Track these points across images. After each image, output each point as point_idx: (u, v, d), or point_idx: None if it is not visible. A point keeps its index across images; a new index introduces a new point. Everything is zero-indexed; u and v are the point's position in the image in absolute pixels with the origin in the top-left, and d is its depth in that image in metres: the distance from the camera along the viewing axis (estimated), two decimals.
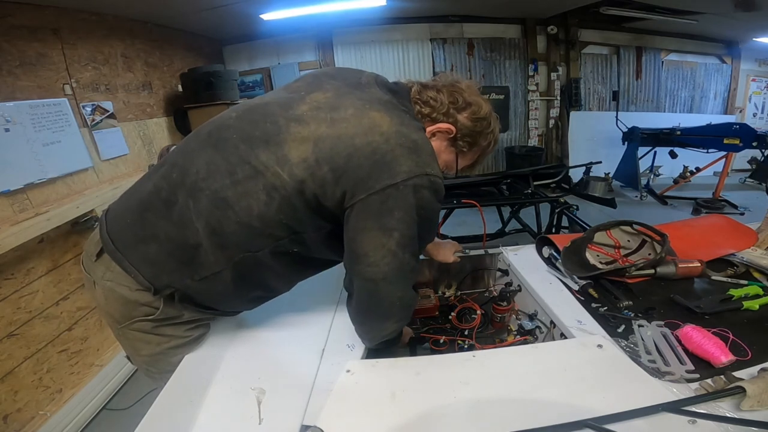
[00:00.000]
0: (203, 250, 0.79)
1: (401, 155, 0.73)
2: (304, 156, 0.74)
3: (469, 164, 0.96)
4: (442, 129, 0.86)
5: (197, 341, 0.93)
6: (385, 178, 0.72)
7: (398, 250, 0.75)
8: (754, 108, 5.98)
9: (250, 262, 0.81)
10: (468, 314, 1.16)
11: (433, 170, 0.76)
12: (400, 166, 0.72)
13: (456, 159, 0.91)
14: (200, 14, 3.25)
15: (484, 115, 0.87)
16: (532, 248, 1.34)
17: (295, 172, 0.74)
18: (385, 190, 0.72)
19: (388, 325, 0.86)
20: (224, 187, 0.76)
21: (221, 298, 0.89)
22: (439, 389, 0.76)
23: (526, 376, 0.79)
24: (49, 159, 1.98)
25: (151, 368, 0.95)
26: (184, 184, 0.78)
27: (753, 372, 0.72)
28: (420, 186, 0.73)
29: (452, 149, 0.90)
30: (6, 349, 1.68)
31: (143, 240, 0.81)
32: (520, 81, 5.20)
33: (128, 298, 0.82)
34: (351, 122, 0.75)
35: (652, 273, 1.11)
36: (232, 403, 0.75)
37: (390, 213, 0.73)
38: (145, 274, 0.81)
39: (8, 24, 1.94)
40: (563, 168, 3.50)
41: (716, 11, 4.00)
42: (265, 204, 0.75)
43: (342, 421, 0.70)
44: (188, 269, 0.81)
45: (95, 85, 2.48)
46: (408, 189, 0.72)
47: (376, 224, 0.74)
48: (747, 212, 4.20)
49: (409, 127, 0.78)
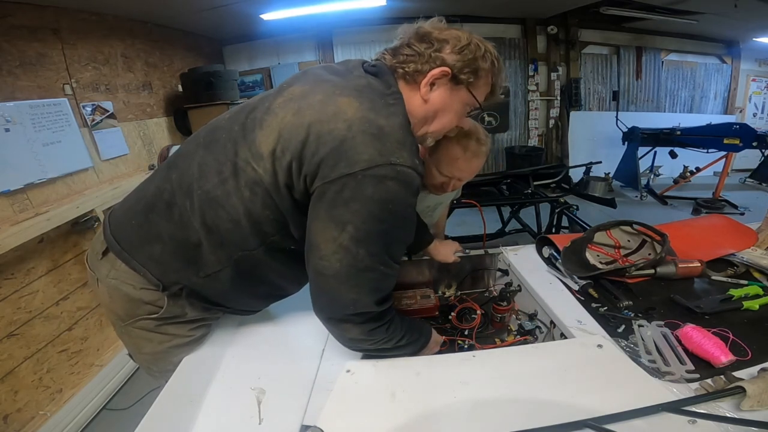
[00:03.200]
0: (204, 249, 0.80)
1: (362, 142, 0.67)
2: (271, 147, 0.72)
3: (490, 91, 0.87)
4: (436, 74, 0.78)
5: (199, 341, 0.94)
6: (342, 166, 0.66)
7: (351, 246, 0.69)
8: (754, 108, 5.98)
9: (250, 260, 0.81)
10: (468, 314, 1.16)
11: (400, 159, 0.68)
12: (359, 154, 0.66)
13: (471, 93, 0.82)
14: (200, 14, 3.25)
15: (466, 42, 0.79)
16: (532, 248, 1.34)
17: (267, 166, 0.72)
18: (342, 179, 0.66)
19: (348, 327, 0.78)
20: (214, 187, 0.76)
21: (229, 295, 0.89)
22: (439, 389, 0.76)
23: (526, 376, 0.78)
24: (49, 159, 1.98)
25: (153, 366, 0.95)
26: (182, 185, 0.79)
27: (753, 372, 0.72)
28: (383, 177, 0.67)
29: (459, 88, 0.81)
30: (6, 349, 1.68)
31: (149, 240, 0.82)
32: (520, 81, 5.20)
33: (132, 296, 0.83)
34: (315, 109, 0.71)
35: (652, 273, 1.11)
36: (232, 403, 0.75)
37: (345, 204, 0.67)
38: (153, 272, 0.82)
39: (8, 24, 1.94)
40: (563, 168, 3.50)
41: (716, 11, 4.00)
42: (250, 201, 0.74)
43: (342, 421, 0.70)
44: (193, 267, 0.82)
45: (95, 85, 2.48)
46: (367, 179, 0.66)
47: (328, 215, 0.69)
48: (747, 212, 4.20)
49: (380, 113, 0.71)
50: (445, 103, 0.82)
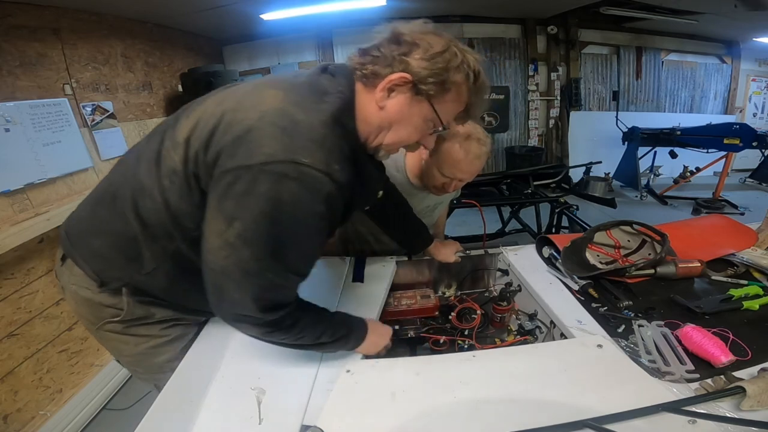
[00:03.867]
0: (140, 243, 0.77)
1: (268, 135, 0.61)
2: (187, 135, 0.69)
3: (463, 109, 0.77)
4: (394, 80, 0.69)
5: (180, 340, 0.92)
6: (240, 157, 0.61)
7: (238, 244, 0.62)
8: (754, 108, 5.98)
9: (183, 256, 0.76)
10: (468, 314, 1.16)
11: (309, 159, 0.61)
12: (261, 146, 0.60)
13: (433, 108, 0.72)
14: (200, 14, 3.25)
15: (440, 49, 0.69)
16: (532, 248, 1.33)
17: (180, 153, 0.69)
18: (237, 170, 0.61)
19: (244, 327, 0.73)
20: (144, 176, 0.74)
21: (178, 294, 0.85)
22: (439, 389, 0.76)
23: (526, 376, 0.78)
24: (49, 159, 1.98)
25: (137, 368, 0.94)
26: (126, 176, 0.78)
27: (753, 372, 0.72)
28: (282, 175, 0.60)
29: (420, 99, 0.71)
30: (6, 349, 1.68)
31: (92, 233, 0.81)
32: (520, 81, 5.20)
33: (93, 300, 0.82)
34: (237, 98, 0.68)
35: (652, 273, 1.11)
36: (232, 403, 0.75)
37: (236, 198, 0.61)
38: (93, 267, 0.81)
39: (8, 24, 1.94)
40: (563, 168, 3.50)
41: (716, 11, 4.00)
42: (169, 191, 0.71)
43: (342, 421, 0.70)
44: (134, 264, 0.79)
45: (95, 85, 2.48)
46: (264, 175, 0.59)
47: (217, 206, 0.64)
48: (747, 212, 4.20)
49: (302, 107, 0.65)
50: (403, 115, 0.73)
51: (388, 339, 0.95)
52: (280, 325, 0.72)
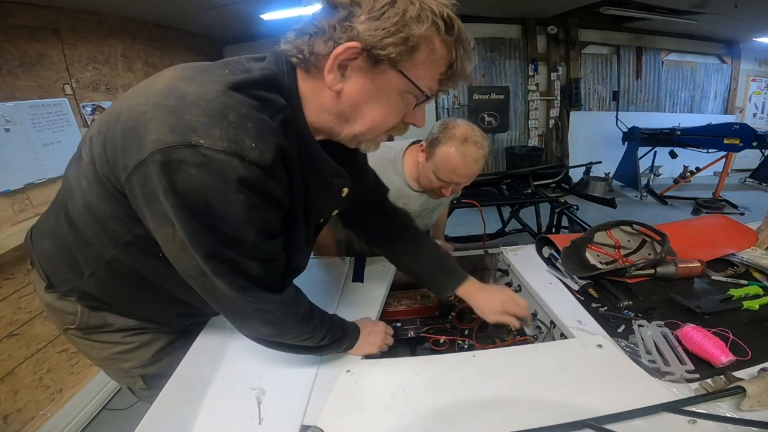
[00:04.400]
0: (73, 247, 0.72)
1: (153, 118, 0.50)
2: (91, 132, 0.62)
3: (446, 68, 0.61)
4: (340, 53, 0.55)
5: (147, 347, 0.89)
6: (134, 152, 0.51)
7: (189, 244, 0.55)
8: (754, 108, 5.99)
9: (121, 262, 0.70)
10: (468, 314, 1.16)
11: (206, 139, 0.49)
12: (149, 134, 0.50)
13: (403, 75, 0.58)
14: (200, 14, 3.25)
15: (387, 0, 0.54)
16: (532, 248, 1.33)
17: (87, 151, 0.61)
18: (138, 169, 0.51)
19: (253, 325, 0.69)
20: (70, 173, 0.69)
21: (121, 303, 0.81)
22: (439, 389, 0.76)
23: (526, 376, 0.78)
24: (49, 159, 1.98)
25: (108, 371, 0.94)
26: (67, 176, 0.73)
27: (753, 372, 0.72)
28: (179, 162, 0.49)
29: (384, 68, 0.57)
30: (6, 349, 1.68)
31: (44, 235, 0.80)
32: (520, 81, 5.21)
33: (54, 307, 0.82)
34: (137, 86, 0.59)
35: (652, 273, 1.11)
36: (232, 403, 0.75)
37: (155, 199, 0.52)
38: (44, 268, 0.79)
39: (8, 24, 1.94)
40: (563, 168, 3.50)
41: (716, 11, 4.00)
42: (87, 192, 0.64)
43: (342, 421, 0.70)
44: (74, 269, 0.75)
45: (95, 85, 2.48)
46: (157, 167, 0.49)
47: (150, 213, 0.55)
48: (747, 212, 4.20)
49: (196, 80, 0.54)
50: (368, 94, 0.59)
51: (383, 332, 0.91)
52: (289, 306, 0.69)
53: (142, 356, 0.89)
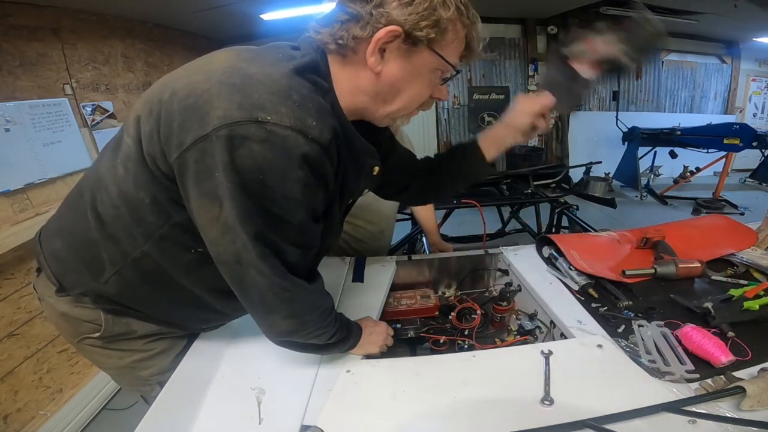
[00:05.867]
0: (99, 244, 0.70)
1: (218, 95, 0.52)
2: (138, 112, 0.61)
3: (465, 47, 0.68)
4: (382, 37, 0.59)
5: (167, 353, 0.87)
6: (195, 127, 0.52)
7: (237, 225, 0.55)
8: (754, 108, 5.99)
9: (147, 260, 0.69)
10: (468, 314, 1.16)
11: (273, 116, 0.51)
12: (213, 109, 0.51)
13: (438, 54, 0.64)
14: (200, 14, 3.24)
15: None
16: (532, 248, 1.33)
17: (132, 133, 0.61)
18: (197, 144, 0.52)
19: (275, 319, 0.67)
20: (103, 165, 0.68)
21: (144, 304, 0.79)
22: (439, 389, 0.76)
23: (526, 376, 0.78)
24: (49, 159, 1.98)
25: (121, 380, 0.92)
26: (91, 171, 0.73)
27: (753, 372, 0.72)
28: (241, 137, 0.51)
29: (420, 49, 0.62)
30: (6, 349, 1.68)
31: (57, 233, 0.77)
32: (520, 81, 5.21)
33: (70, 315, 0.78)
34: (184, 67, 0.61)
35: (652, 273, 1.11)
36: (232, 403, 0.75)
37: (210, 176, 0.53)
38: (53, 269, 0.76)
39: (8, 24, 1.94)
40: (563, 168, 3.50)
41: (716, 11, 4.00)
42: (123, 180, 0.63)
43: (342, 421, 0.70)
44: (92, 270, 0.73)
45: (95, 85, 2.48)
46: (221, 141, 0.51)
47: (198, 191, 0.55)
48: (747, 212, 4.20)
49: (258, 63, 0.56)
50: (406, 72, 0.64)
51: (384, 332, 0.91)
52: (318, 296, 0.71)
53: (162, 363, 0.87)
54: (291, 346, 0.76)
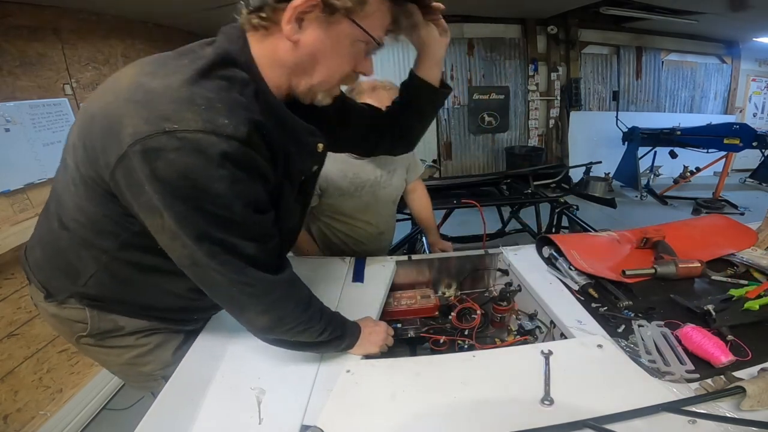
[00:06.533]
0: (70, 253, 0.74)
1: (126, 114, 0.54)
2: (72, 140, 0.64)
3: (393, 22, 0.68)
4: (298, 5, 0.58)
5: (163, 347, 0.89)
6: (114, 148, 0.54)
7: (178, 231, 0.57)
8: (754, 108, 5.99)
9: (117, 264, 0.73)
10: (468, 314, 1.16)
11: (180, 123, 0.52)
12: (125, 128, 0.53)
13: (357, 25, 0.62)
14: (200, 14, 3.24)
15: None
16: (532, 248, 1.33)
17: (73, 159, 0.64)
18: (120, 163, 0.55)
19: (249, 316, 0.69)
20: (59, 180, 0.71)
21: (132, 304, 0.82)
22: (439, 389, 0.76)
23: (526, 376, 0.78)
24: (49, 159, 1.98)
25: (127, 378, 0.93)
26: (55, 185, 0.76)
27: (753, 372, 0.72)
28: (155, 150, 0.52)
29: (339, 19, 0.61)
30: (6, 349, 1.68)
31: (37, 243, 0.80)
32: (520, 81, 5.21)
33: (61, 317, 0.81)
34: (102, 86, 0.63)
35: (652, 273, 1.11)
36: (232, 403, 0.75)
37: (142, 190, 0.55)
38: (38, 278, 0.80)
39: (8, 24, 1.94)
40: (563, 168, 3.50)
41: (716, 11, 4.00)
42: (76, 196, 0.66)
43: (342, 421, 0.70)
44: (69, 276, 0.76)
45: (95, 85, 2.47)
46: (137, 157, 0.52)
47: (137, 205, 0.58)
48: (747, 212, 4.20)
49: (158, 74, 0.57)
50: (325, 43, 0.63)
51: (384, 332, 0.92)
52: (287, 287, 0.69)
53: (162, 357, 0.89)
54: (282, 344, 0.78)
